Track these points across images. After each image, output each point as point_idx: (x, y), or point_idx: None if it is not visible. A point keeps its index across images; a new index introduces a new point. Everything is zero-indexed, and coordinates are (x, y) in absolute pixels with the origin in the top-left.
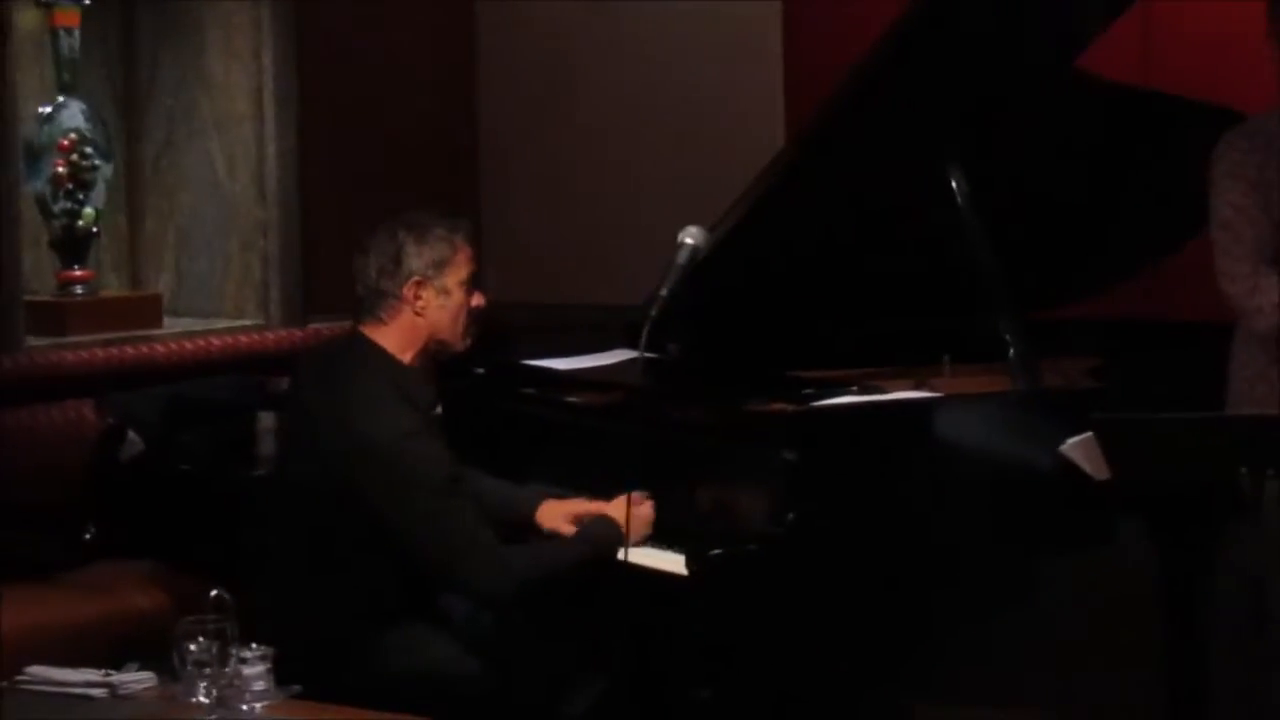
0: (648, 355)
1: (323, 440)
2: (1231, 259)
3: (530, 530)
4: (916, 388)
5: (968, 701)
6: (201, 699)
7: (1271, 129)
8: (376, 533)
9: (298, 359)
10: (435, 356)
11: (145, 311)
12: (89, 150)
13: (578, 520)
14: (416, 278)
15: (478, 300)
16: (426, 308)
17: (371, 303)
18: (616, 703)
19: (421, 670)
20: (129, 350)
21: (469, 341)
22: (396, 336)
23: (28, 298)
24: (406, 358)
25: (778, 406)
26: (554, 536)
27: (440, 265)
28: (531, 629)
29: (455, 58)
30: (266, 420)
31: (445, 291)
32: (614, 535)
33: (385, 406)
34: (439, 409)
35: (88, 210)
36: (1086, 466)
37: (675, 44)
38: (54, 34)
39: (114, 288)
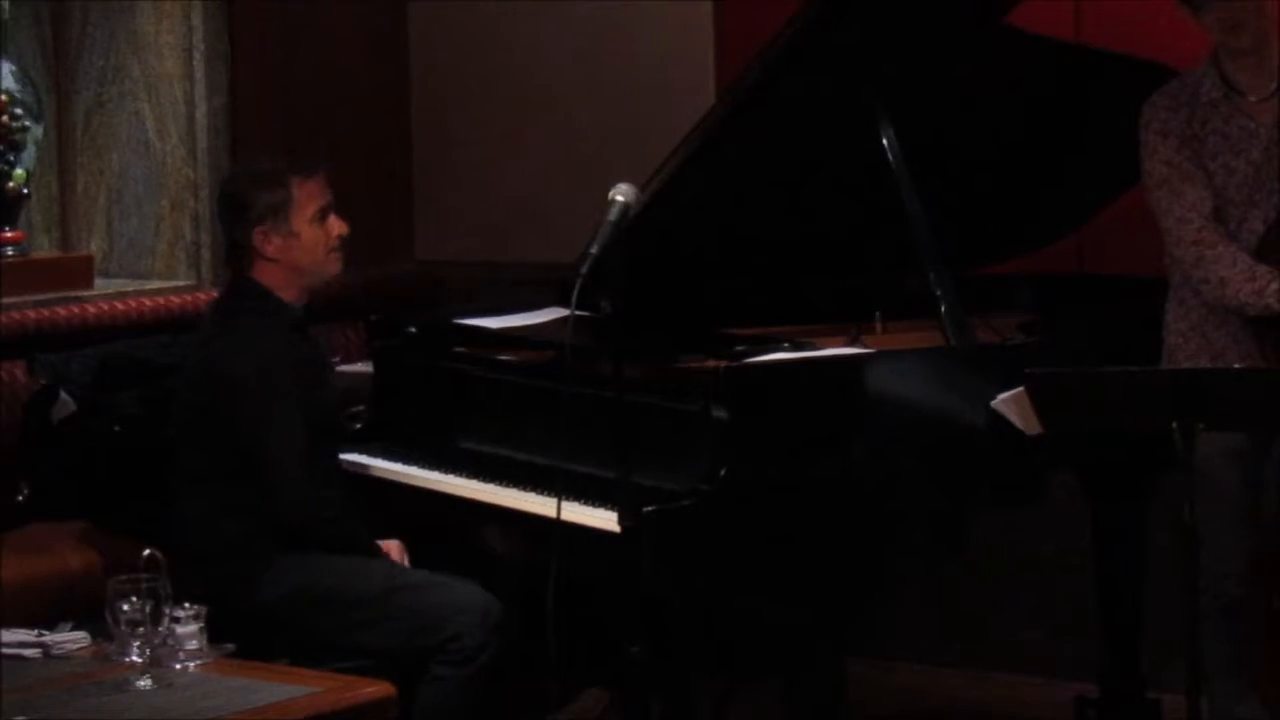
0: (579, 313)
1: (201, 382)
2: (1174, 219)
3: None
4: (849, 344)
5: (902, 656)
6: (135, 658)
7: (1196, 85)
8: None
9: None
10: (313, 289)
11: (77, 273)
12: (19, 111)
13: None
14: (260, 226)
15: (337, 228)
16: (278, 251)
17: (235, 253)
18: (551, 660)
19: (317, 590)
20: (60, 311)
21: (337, 264)
22: (266, 278)
23: None
24: (287, 296)
25: (709, 363)
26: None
27: (279, 209)
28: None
29: (388, 15)
30: None
31: (293, 233)
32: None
33: (253, 339)
34: (322, 352)
35: (18, 171)
36: (1017, 421)
37: (608, 1)
38: None
39: (45, 249)
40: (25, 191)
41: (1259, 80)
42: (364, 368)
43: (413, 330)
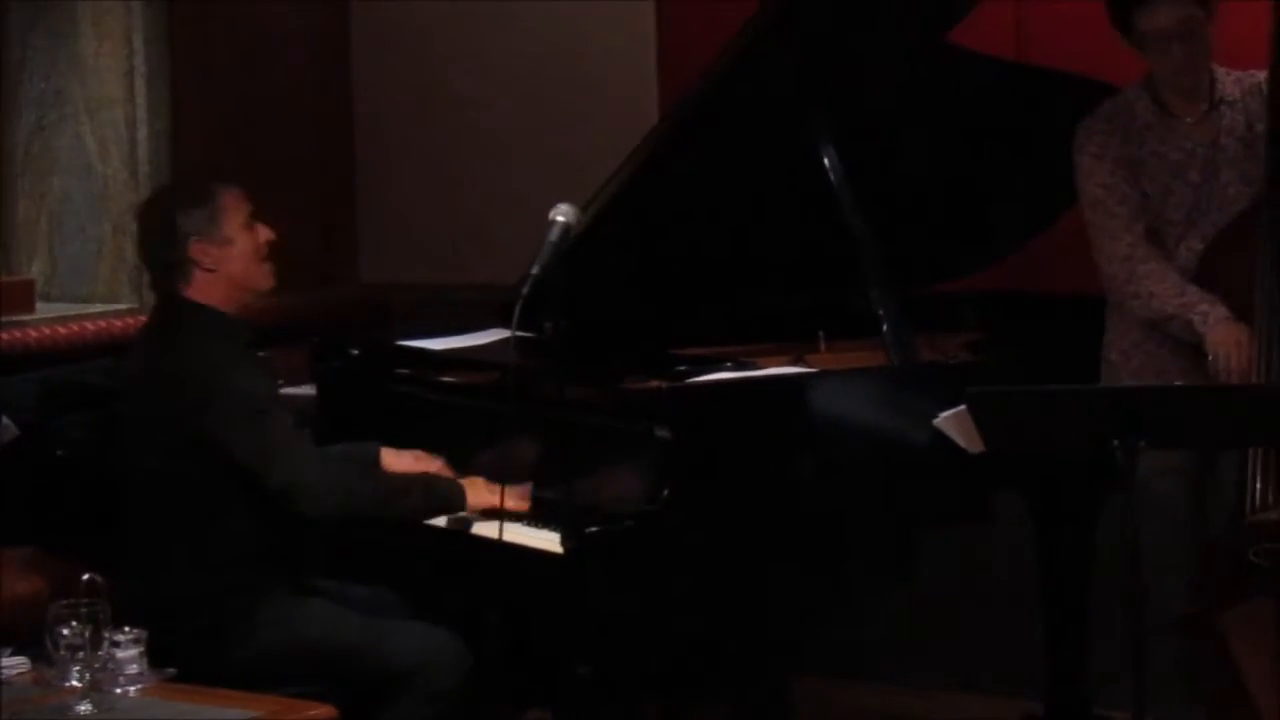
0: (521, 334)
1: (154, 402)
2: (1107, 238)
3: None
4: (792, 363)
5: (848, 676)
6: (75, 683)
7: (1129, 107)
8: (218, 484)
9: (130, 348)
10: (249, 301)
11: (18, 296)
12: None
13: (420, 467)
14: (195, 238)
15: (265, 235)
16: (217, 262)
17: (168, 275)
18: (494, 682)
19: (293, 644)
20: (2, 336)
21: (271, 276)
22: (203, 294)
23: None
24: (227, 310)
25: (652, 383)
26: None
27: (211, 219)
28: (404, 604)
29: (329, 37)
30: None
31: (228, 241)
32: (454, 499)
33: (203, 343)
34: (261, 353)
35: None
36: (960, 440)
37: (551, 22)
38: None
39: None
40: None
41: (1192, 101)
42: (307, 390)
43: (355, 352)
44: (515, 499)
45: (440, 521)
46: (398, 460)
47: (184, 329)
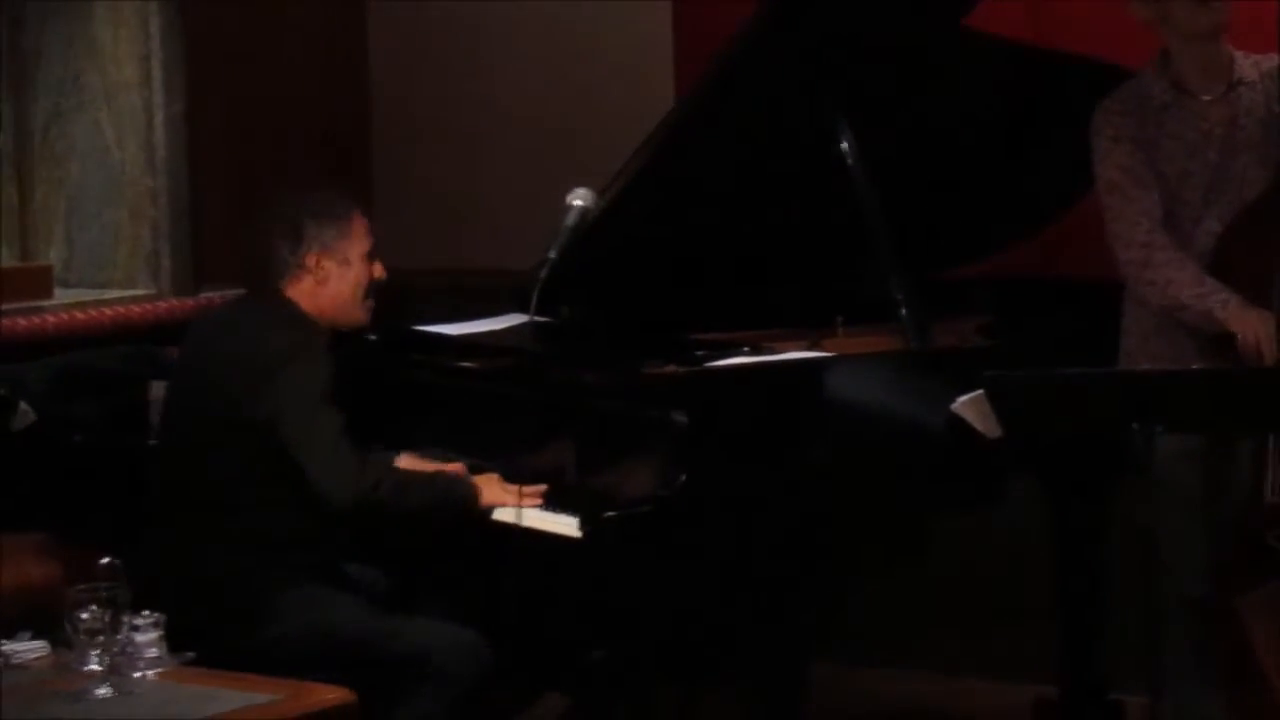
0: (539, 319)
1: (216, 380)
2: (1124, 223)
3: None
4: (809, 348)
5: (864, 662)
6: (94, 667)
7: (1146, 89)
8: (261, 468)
9: (190, 328)
10: (335, 329)
11: (36, 282)
12: None
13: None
14: (317, 249)
15: (378, 272)
16: (328, 277)
17: (278, 268)
18: (512, 666)
19: (319, 631)
20: (20, 321)
21: (368, 313)
22: (299, 298)
23: None
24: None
25: (669, 368)
26: None
27: (339, 237)
28: (426, 591)
29: (347, 21)
30: (158, 390)
31: (346, 262)
32: (470, 498)
33: (276, 331)
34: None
35: None
36: (977, 424)
37: (569, 7)
38: None
39: (4, 259)
40: None
41: (1210, 80)
42: None
43: (373, 338)
44: (530, 498)
45: None
46: (417, 464)
47: (267, 315)
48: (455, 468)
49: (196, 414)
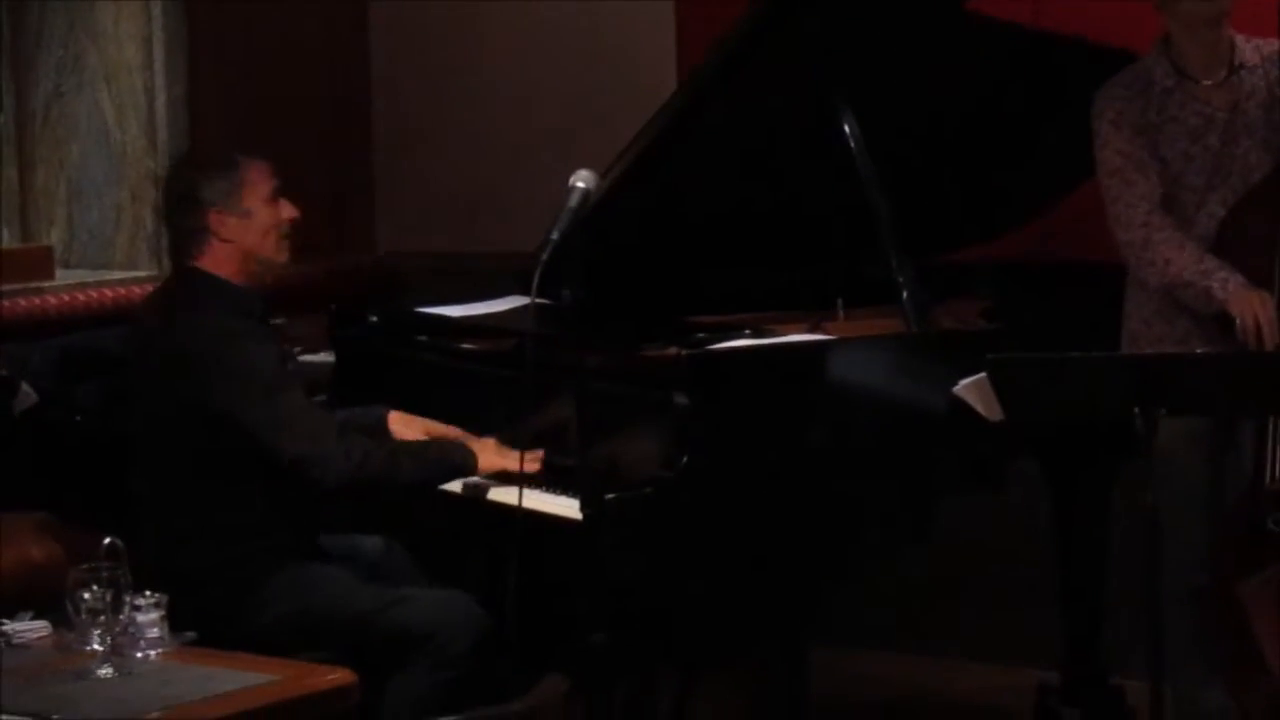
0: (540, 301)
1: (165, 370)
2: (1124, 205)
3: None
4: (810, 331)
5: (864, 644)
6: (95, 647)
7: (1147, 73)
8: (229, 456)
9: (130, 330)
10: (262, 276)
11: (37, 264)
12: None
13: (430, 436)
14: (218, 207)
15: (287, 212)
16: (234, 233)
17: (184, 243)
18: (512, 648)
19: (308, 612)
20: (21, 303)
21: (285, 252)
22: (217, 265)
23: None
24: (238, 282)
25: (671, 350)
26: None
27: (235, 188)
28: (418, 565)
29: (348, 4)
30: None
31: (248, 214)
32: (467, 463)
33: (214, 316)
34: (272, 321)
35: None
36: (979, 407)
37: (570, 3)
38: None
39: (5, 240)
40: None
41: (1212, 64)
42: (325, 358)
43: (374, 319)
44: (527, 461)
45: (455, 487)
46: (407, 428)
47: (194, 302)
48: (451, 431)
49: (148, 415)
